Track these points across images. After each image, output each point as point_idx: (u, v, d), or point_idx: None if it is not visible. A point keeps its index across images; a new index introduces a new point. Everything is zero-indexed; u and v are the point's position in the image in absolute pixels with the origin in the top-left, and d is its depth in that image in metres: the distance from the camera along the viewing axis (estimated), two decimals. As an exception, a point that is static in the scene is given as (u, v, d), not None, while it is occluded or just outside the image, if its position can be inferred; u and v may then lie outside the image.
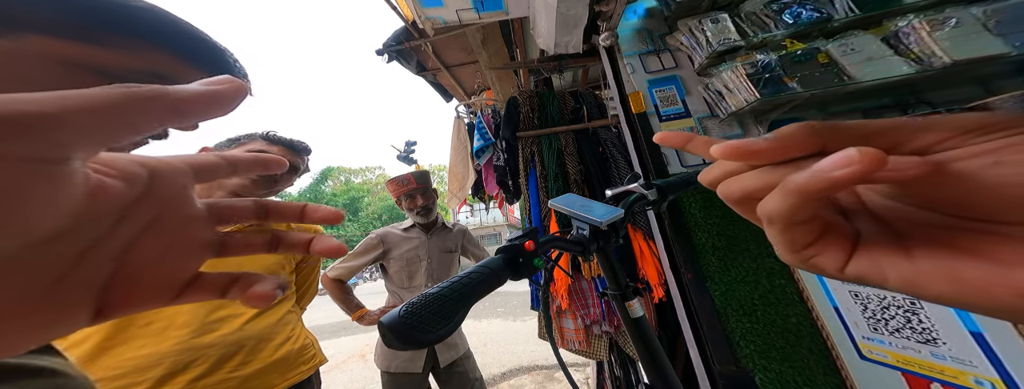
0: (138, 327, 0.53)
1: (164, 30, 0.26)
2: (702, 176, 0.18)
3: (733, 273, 0.81)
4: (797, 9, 0.85)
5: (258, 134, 0.71)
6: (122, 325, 0.52)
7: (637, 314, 0.45)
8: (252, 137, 0.70)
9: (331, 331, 5.26)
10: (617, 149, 1.21)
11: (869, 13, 0.81)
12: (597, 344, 1.14)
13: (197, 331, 0.55)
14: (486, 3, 1.34)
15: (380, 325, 0.25)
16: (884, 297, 0.58)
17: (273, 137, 0.71)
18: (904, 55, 0.73)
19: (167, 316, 0.55)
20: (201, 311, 0.57)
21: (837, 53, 0.78)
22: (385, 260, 1.21)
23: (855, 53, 0.76)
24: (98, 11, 0.22)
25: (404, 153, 5.23)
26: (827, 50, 0.79)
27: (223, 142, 0.70)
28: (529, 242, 0.35)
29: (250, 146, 0.68)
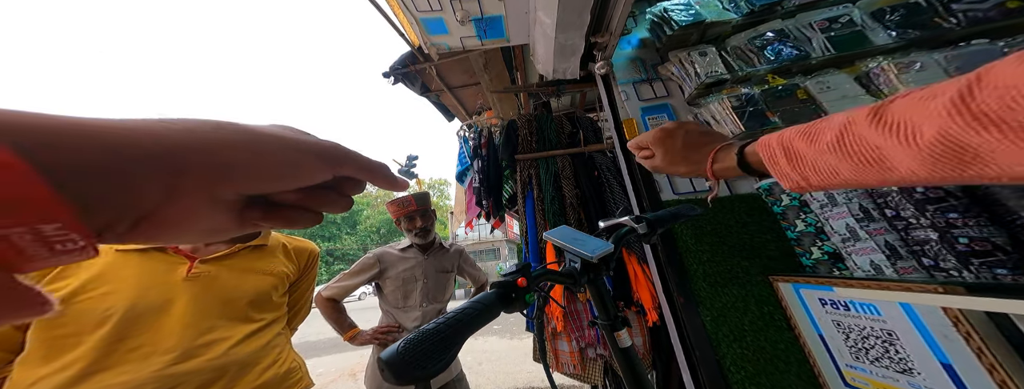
0: (123, 352, 0.51)
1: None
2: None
3: (723, 299, 0.81)
4: (778, 46, 0.91)
5: None
6: (109, 350, 0.50)
7: (625, 344, 0.45)
8: None
9: (322, 348, 5.09)
10: (612, 174, 1.24)
11: (843, 52, 0.85)
12: (591, 367, 1.12)
13: (180, 356, 0.54)
14: (489, 31, 1.42)
15: (379, 361, 0.26)
16: (864, 327, 0.58)
17: None
18: (875, 94, 0.77)
19: (154, 340, 0.54)
20: (189, 333, 0.56)
21: (814, 90, 0.81)
22: (381, 279, 1.21)
23: (831, 90, 0.80)
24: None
25: (405, 167, 5.31)
26: (805, 86, 0.83)
27: None
28: (521, 279, 0.36)
29: None
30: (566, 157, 1.33)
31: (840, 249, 0.67)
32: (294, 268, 0.77)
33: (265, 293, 0.68)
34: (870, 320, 0.57)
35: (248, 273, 0.67)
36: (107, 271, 0.55)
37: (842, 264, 0.68)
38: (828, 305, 0.64)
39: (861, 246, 0.62)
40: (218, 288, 0.62)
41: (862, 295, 0.56)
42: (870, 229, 0.60)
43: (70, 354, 0.49)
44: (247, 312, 0.64)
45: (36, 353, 0.49)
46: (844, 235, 0.65)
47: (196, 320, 0.58)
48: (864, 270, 0.63)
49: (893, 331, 0.53)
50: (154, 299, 0.56)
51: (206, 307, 0.60)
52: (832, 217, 0.67)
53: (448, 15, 1.30)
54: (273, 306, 0.70)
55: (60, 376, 0.48)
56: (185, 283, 0.59)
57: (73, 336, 0.50)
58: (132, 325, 0.53)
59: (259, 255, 0.71)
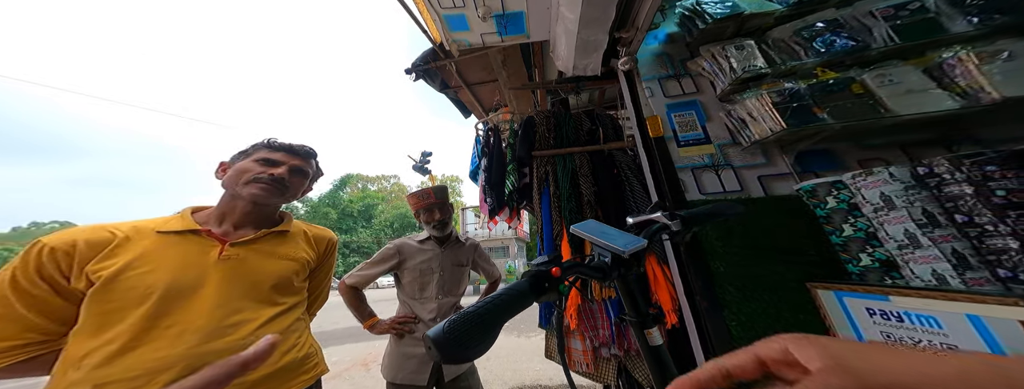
0: (161, 329, 0.54)
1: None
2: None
3: (753, 305, 0.78)
4: (830, 37, 0.83)
5: (261, 143, 0.74)
6: (149, 326, 0.54)
7: (656, 342, 0.43)
8: (257, 147, 0.73)
9: (337, 338, 5.27)
10: (632, 172, 1.22)
11: (910, 42, 0.76)
12: (605, 367, 1.10)
13: (209, 335, 0.56)
14: (509, 27, 1.42)
15: (426, 338, 0.27)
16: (919, 340, 0.54)
17: (274, 144, 0.74)
18: (949, 89, 0.67)
19: (188, 319, 0.56)
20: (219, 314, 0.58)
21: (873, 84, 0.73)
22: (400, 270, 1.23)
23: (894, 84, 0.72)
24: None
25: (420, 163, 5.39)
26: (862, 80, 0.75)
27: (236, 155, 0.73)
28: (556, 268, 0.36)
29: (257, 155, 0.71)
30: (584, 155, 1.31)
31: (895, 256, 0.61)
32: (314, 255, 0.80)
33: (287, 277, 0.70)
34: (928, 333, 0.53)
35: (272, 257, 0.70)
36: (149, 251, 0.58)
37: (896, 272, 0.62)
38: (877, 315, 0.60)
39: (922, 254, 0.57)
40: (246, 270, 0.65)
41: (924, 306, 0.52)
42: (934, 236, 0.55)
43: (115, 328, 0.52)
44: (271, 295, 0.67)
45: (89, 325, 0.53)
46: (901, 241, 0.59)
47: (225, 301, 0.60)
48: (923, 280, 0.58)
49: (956, 346, 0.49)
50: (190, 279, 0.59)
51: (234, 289, 0.62)
52: (888, 222, 0.61)
53: (470, 11, 1.31)
54: (294, 291, 0.72)
55: (106, 349, 0.51)
56: (217, 264, 0.62)
57: (119, 311, 0.53)
58: (169, 303, 0.56)
59: (282, 240, 0.74)
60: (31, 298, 0.52)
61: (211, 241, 0.64)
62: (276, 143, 0.74)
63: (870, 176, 0.64)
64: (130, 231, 0.60)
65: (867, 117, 0.72)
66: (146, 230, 0.61)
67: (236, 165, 0.70)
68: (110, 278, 0.54)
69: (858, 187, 0.65)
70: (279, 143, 0.74)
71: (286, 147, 0.74)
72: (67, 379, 0.50)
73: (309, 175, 0.78)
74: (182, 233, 0.63)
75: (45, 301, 0.53)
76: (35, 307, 0.52)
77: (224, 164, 0.73)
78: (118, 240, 0.58)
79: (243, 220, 0.70)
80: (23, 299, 0.51)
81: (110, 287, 0.54)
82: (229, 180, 0.69)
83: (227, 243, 0.65)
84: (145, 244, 0.59)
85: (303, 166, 0.75)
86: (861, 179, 0.65)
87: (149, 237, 0.60)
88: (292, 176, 0.73)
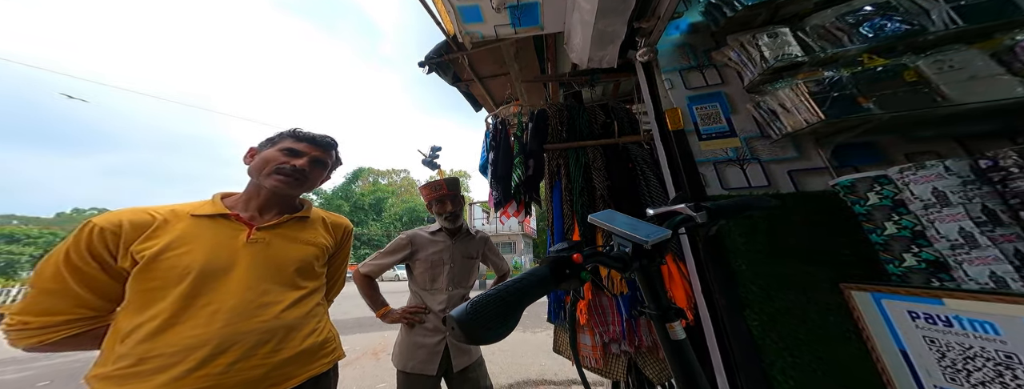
0: (198, 307, 0.57)
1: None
2: None
3: (777, 304, 0.75)
4: (880, 21, 0.76)
5: (287, 131, 0.75)
6: (186, 304, 0.56)
7: (678, 336, 0.42)
8: (282, 135, 0.75)
9: (347, 327, 5.42)
10: (648, 166, 1.19)
11: (977, 24, 0.69)
12: (614, 363, 1.09)
13: (241, 315, 0.58)
14: (523, 19, 1.39)
15: (450, 318, 0.27)
16: (970, 347, 0.51)
17: (300, 134, 0.75)
18: (1021, 74, 0.61)
19: (221, 299, 0.58)
20: (250, 295, 0.61)
21: (930, 70, 0.67)
22: (412, 261, 1.25)
23: (955, 71, 0.65)
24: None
25: (429, 157, 5.45)
26: (917, 66, 0.68)
27: (264, 142, 0.75)
28: (577, 255, 0.35)
29: (282, 144, 0.73)
30: (598, 148, 1.29)
31: (946, 257, 0.57)
32: (332, 241, 0.82)
33: (308, 262, 0.72)
34: (982, 339, 0.49)
35: (295, 242, 0.72)
36: (185, 233, 0.61)
37: (945, 274, 0.58)
38: (920, 318, 0.56)
39: (979, 254, 0.53)
40: (271, 253, 0.67)
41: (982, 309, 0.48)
42: (995, 235, 0.51)
43: (158, 305, 0.55)
44: (294, 279, 0.69)
45: (134, 303, 0.56)
46: (955, 241, 0.55)
47: (254, 282, 0.63)
48: (979, 283, 0.53)
49: (1015, 354, 0.45)
50: (223, 260, 0.61)
51: (262, 271, 0.64)
52: (940, 219, 0.57)
53: (484, 2, 1.29)
54: (315, 275, 0.75)
55: (150, 325, 0.54)
56: (245, 247, 0.65)
57: (160, 289, 0.56)
58: (204, 283, 0.59)
59: (303, 226, 0.76)
60: (82, 275, 0.55)
61: (239, 225, 0.67)
62: (301, 133, 0.76)
63: (921, 170, 0.59)
64: (168, 214, 0.63)
65: (921, 107, 0.66)
66: (182, 213, 0.64)
67: (263, 153, 0.72)
68: (152, 258, 0.57)
69: (906, 182, 0.61)
70: (304, 133, 0.77)
71: (309, 137, 0.76)
72: (115, 353, 0.53)
73: (328, 165, 0.79)
74: (213, 217, 0.66)
75: (95, 278, 0.56)
76: (86, 284, 0.55)
77: (253, 149, 0.75)
78: (158, 222, 0.61)
79: (267, 205, 0.72)
80: (75, 275, 0.55)
81: (152, 266, 0.57)
82: (255, 167, 0.72)
83: (254, 227, 0.67)
84: (181, 226, 0.62)
85: (323, 157, 0.77)
86: (910, 173, 0.60)
87: (184, 220, 0.63)
88: (312, 167, 0.75)
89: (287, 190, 0.71)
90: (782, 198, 0.82)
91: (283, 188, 0.70)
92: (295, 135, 0.75)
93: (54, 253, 0.55)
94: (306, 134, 0.76)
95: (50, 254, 0.55)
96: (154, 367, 0.52)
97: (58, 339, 0.55)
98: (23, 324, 0.53)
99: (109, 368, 0.52)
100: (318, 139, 0.77)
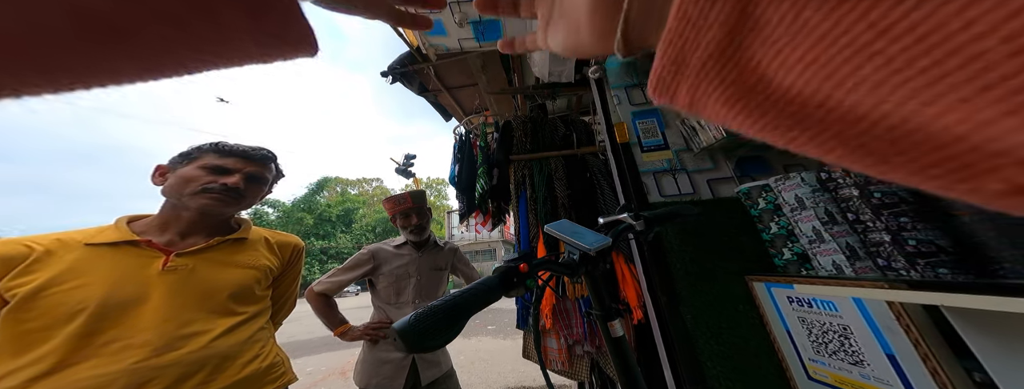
0: (97, 347, 0.51)
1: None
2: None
3: (703, 298, 0.85)
4: None
5: (207, 146, 0.67)
6: (81, 344, 0.50)
7: (617, 334, 0.47)
8: (202, 150, 0.66)
9: (312, 347, 5.05)
10: (603, 176, 1.27)
11: None
12: (579, 364, 1.14)
13: (158, 350, 0.53)
14: (486, 33, 1.45)
15: (393, 329, 0.29)
16: (824, 323, 0.63)
17: (224, 148, 0.67)
18: None
19: (129, 334, 0.53)
20: (168, 327, 0.55)
21: None
22: (374, 276, 1.22)
23: None
24: None
25: (403, 166, 5.31)
26: None
27: (176, 158, 0.66)
28: (523, 264, 0.38)
29: (203, 161, 0.65)
30: (560, 159, 1.36)
31: (807, 250, 0.71)
32: (278, 262, 0.76)
33: (247, 286, 0.67)
34: (829, 316, 0.61)
35: (228, 266, 0.66)
36: (78, 265, 0.54)
37: (809, 264, 0.72)
38: (794, 302, 0.68)
39: (825, 247, 0.66)
40: (196, 281, 0.61)
41: (818, 291, 0.60)
42: (833, 231, 0.64)
43: (41, 348, 0.49)
44: (228, 305, 0.64)
45: (7, 347, 0.49)
46: (811, 237, 0.69)
47: (174, 313, 0.57)
48: (827, 270, 0.67)
49: (848, 325, 0.57)
50: (129, 293, 0.55)
51: (184, 300, 0.59)
52: (801, 220, 0.71)
53: (446, 17, 1.33)
54: (256, 299, 0.69)
55: (31, 369, 0.47)
56: (161, 276, 0.58)
57: (43, 330, 0.50)
58: (105, 319, 0.52)
59: (239, 248, 0.70)
60: None
61: (152, 252, 0.60)
62: (226, 147, 0.67)
63: (787, 180, 0.73)
64: (51, 244, 0.55)
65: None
66: (72, 242, 0.56)
67: (179, 172, 0.64)
68: (28, 296, 0.50)
69: (779, 190, 0.75)
70: (230, 147, 0.68)
71: (239, 152, 0.68)
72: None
73: (268, 180, 0.73)
74: (117, 245, 0.58)
75: None
76: None
77: (162, 168, 0.66)
78: (37, 254, 0.53)
79: (190, 229, 0.65)
80: None
81: (29, 306, 0.50)
82: (171, 188, 0.63)
83: (172, 254, 0.61)
84: (72, 258, 0.54)
85: (260, 172, 0.70)
86: (781, 183, 0.74)
87: (76, 250, 0.55)
88: (248, 184, 0.68)
89: (220, 210, 0.64)
90: (703, 204, 0.93)
91: (215, 208, 0.63)
92: (219, 150, 0.67)
93: None
94: (233, 148, 0.68)
95: None
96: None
97: None
98: None
99: None
100: (250, 153, 0.69)
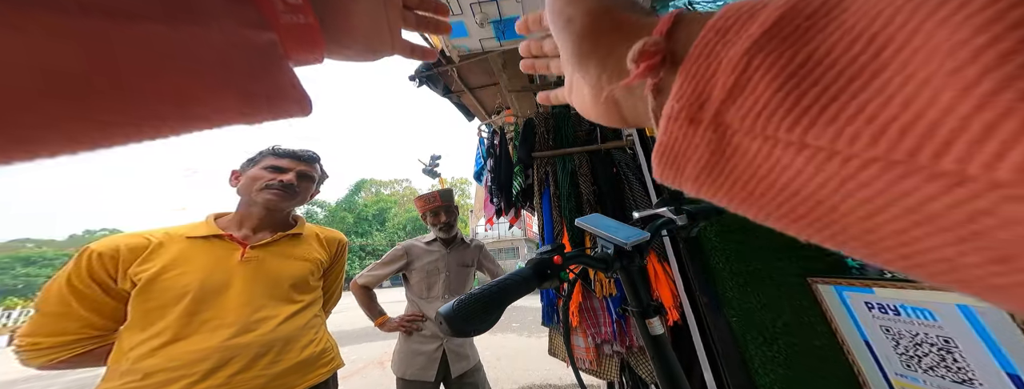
0: (199, 323, 0.60)
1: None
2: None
3: (752, 299, 0.78)
4: None
5: (267, 150, 0.78)
6: (189, 321, 0.60)
7: (657, 332, 0.44)
8: (263, 154, 0.77)
9: (354, 337, 5.43)
10: (632, 171, 1.22)
11: None
12: (608, 364, 1.12)
13: (239, 330, 0.62)
14: (507, 32, 1.45)
15: (438, 314, 0.31)
16: (916, 333, 0.54)
17: (279, 150, 0.77)
18: None
19: (220, 315, 0.62)
20: (246, 311, 0.64)
21: None
22: (408, 270, 1.29)
23: None
24: None
25: (429, 167, 5.52)
26: None
27: (245, 163, 0.78)
28: (557, 257, 0.38)
29: (264, 162, 0.75)
30: (583, 155, 1.33)
31: None
32: (326, 255, 0.85)
33: (303, 277, 0.76)
34: (924, 326, 0.52)
35: (289, 258, 0.76)
36: (181, 255, 0.65)
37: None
38: (875, 309, 0.59)
39: None
40: (266, 271, 0.71)
41: (909, 297, 0.51)
42: None
43: (160, 324, 0.59)
44: (289, 293, 0.72)
45: (136, 322, 0.60)
46: None
47: (250, 299, 0.66)
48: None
49: (951, 338, 0.49)
50: (218, 279, 0.65)
51: (257, 287, 0.68)
52: None
53: (468, 19, 1.35)
54: (310, 289, 0.78)
55: (154, 341, 0.58)
56: (240, 266, 0.68)
57: (160, 309, 0.60)
58: (203, 301, 0.62)
59: (296, 242, 0.79)
60: (84, 298, 0.59)
61: (233, 244, 0.71)
62: (281, 150, 0.78)
63: None
64: (163, 237, 0.66)
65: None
66: (176, 235, 0.68)
67: (247, 173, 0.75)
68: (150, 280, 0.60)
69: None
70: (284, 150, 0.78)
71: (290, 153, 0.78)
72: (119, 369, 0.57)
73: (315, 179, 0.82)
74: (207, 238, 0.69)
75: (97, 300, 0.60)
76: (89, 306, 0.59)
77: (236, 172, 0.78)
78: (152, 246, 0.64)
79: (260, 224, 0.75)
80: (78, 298, 0.59)
81: (150, 288, 0.60)
82: (243, 187, 0.74)
83: (247, 246, 0.71)
84: (176, 248, 0.65)
85: (309, 171, 0.80)
86: None
87: (180, 242, 0.67)
88: (300, 181, 0.77)
89: (280, 204, 0.74)
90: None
91: (276, 202, 0.73)
92: (275, 152, 0.77)
93: (56, 278, 0.59)
94: (286, 150, 0.79)
95: (53, 279, 0.59)
96: (159, 381, 0.55)
97: (67, 357, 0.59)
98: (34, 345, 0.57)
99: (115, 383, 0.55)
100: (300, 153, 0.80)
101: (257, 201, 0.73)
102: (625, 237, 0.43)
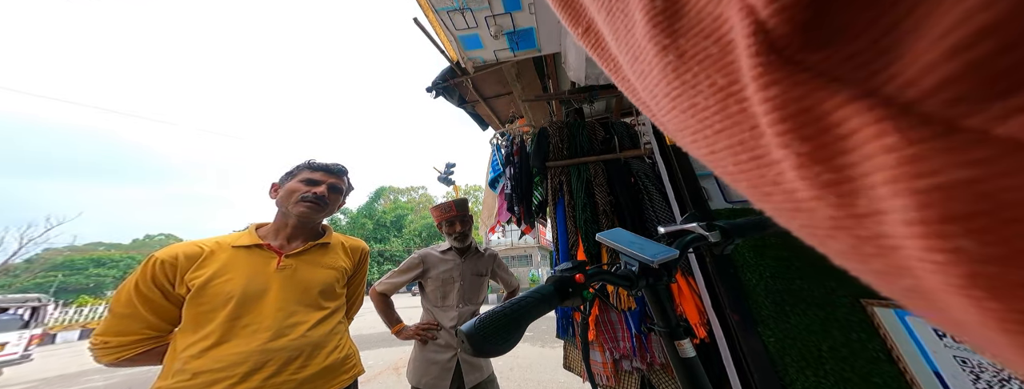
0: (240, 327, 0.64)
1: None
2: None
3: (793, 320, 0.72)
4: None
5: (304, 164, 0.83)
6: (232, 325, 0.64)
7: (688, 355, 0.41)
8: (300, 168, 0.83)
9: (373, 342, 5.50)
10: (651, 181, 1.18)
11: None
12: (627, 380, 1.06)
13: (274, 335, 0.66)
14: (521, 43, 1.47)
15: (460, 332, 0.30)
16: (1002, 369, 0.48)
17: (314, 164, 0.83)
18: None
19: (258, 320, 0.66)
20: (280, 316, 0.68)
21: None
22: (424, 279, 1.29)
23: None
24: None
25: (444, 174, 5.61)
26: None
27: (284, 176, 0.83)
28: (579, 275, 0.37)
29: (300, 176, 0.81)
30: (599, 164, 1.30)
31: None
32: (351, 263, 0.88)
33: (330, 284, 0.79)
34: None
35: (318, 266, 0.79)
36: (228, 262, 0.70)
37: None
38: (946, 337, 0.53)
39: None
40: (298, 278, 0.75)
41: None
42: None
43: (208, 326, 0.64)
44: (318, 300, 0.76)
45: (189, 324, 0.65)
46: None
47: (284, 305, 0.70)
48: None
49: None
50: (258, 286, 0.70)
51: (290, 294, 0.72)
52: None
53: (483, 31, 1.38)
54: (336, 296, 0.81)
55: (203, 343, 0.62)
56: (276, 273, 0.73)
57: (209, 313, 0.65)
58: (244, 306, 0.67)
59: (325, 251, 0.83)
60: (148, 301, 0.65)
61: (271, 253, 0.75)
62: (316, 164, 0.84)
63: None
64: (213, 246, 0.72)
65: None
66: (225, 244, 0.73)
67: (286, 186, 0.80)
68: (201, 285, 0.66)
69: None
70: (318, 164, 0.84)
71: (323, 167, 0.84)
72: (173, 368, 0.62)
73: (342, 191, 0.87)
74: (250, 247, 0.74)
75: (158, 303, 0.66)
76: (151, 308, 0.65)
77: (275, 185, 0.84)
78: (205, 254, 0.70)
79: (294, 234, 0.80)
80: (143, 302, 0.65)
81: (202, 293, 0.65)
82: (281, 199, 0.79)
83: (283, 255, 0.75)
84: (224, 257, 0.71)
85: (338, 183, 0.85)
86: None
87: (227, 251, 0.72)
88: (330, 193, 0.82)
89: (312, 216, 0.79)
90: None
91: (308, 214, 0.77)
92: (310, 166, 0.83)
93: (127, 283, 0.65)
94: (320, 164, 0.84)
95: (123, 283, 0.66)
96: (204, 381, 0.59)
97: (131, 355, 0.64)
98: (104, 343, 0.63)
99: (169, 381, 0.60)
100: (331, 167, 0.85)
101: (292, 213, 0.78)
102: (652, 254, 0.41)
